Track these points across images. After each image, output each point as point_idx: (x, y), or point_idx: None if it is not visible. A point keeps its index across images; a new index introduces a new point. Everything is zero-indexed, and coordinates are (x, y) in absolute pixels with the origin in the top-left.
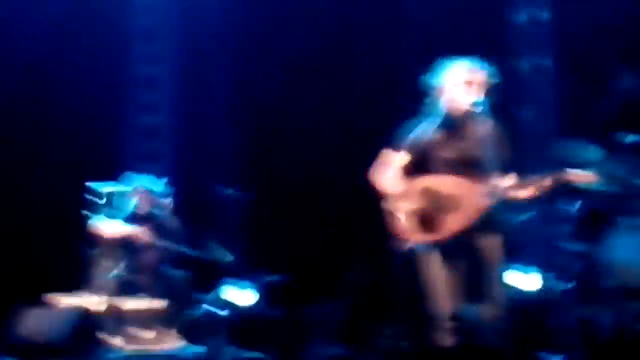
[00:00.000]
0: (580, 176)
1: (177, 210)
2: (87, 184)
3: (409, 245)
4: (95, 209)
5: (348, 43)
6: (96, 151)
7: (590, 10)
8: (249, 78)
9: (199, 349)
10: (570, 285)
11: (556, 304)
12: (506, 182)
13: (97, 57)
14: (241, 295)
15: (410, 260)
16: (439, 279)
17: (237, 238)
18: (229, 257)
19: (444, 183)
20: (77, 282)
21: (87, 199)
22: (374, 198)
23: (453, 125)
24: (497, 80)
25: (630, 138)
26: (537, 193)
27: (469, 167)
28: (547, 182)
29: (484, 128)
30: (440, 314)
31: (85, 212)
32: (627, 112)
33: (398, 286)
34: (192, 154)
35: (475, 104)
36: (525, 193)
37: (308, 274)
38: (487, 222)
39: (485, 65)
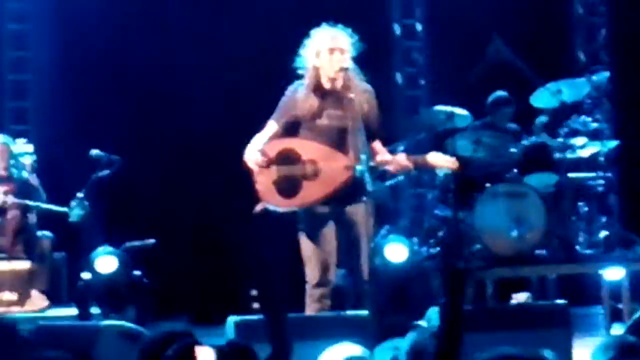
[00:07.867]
0: (444, 161)
1: (41, 169)
2: None
3: (264, 207)
4: None
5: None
6: None
7: None
8: (125, 41)
9: (66, 310)
10: (435, 250)
11: (420, 270)
12: (374, 152)
13: None
14: (103, 261)
15: (266, 223)
16: (308, 246)
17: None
18: (86, 220)
19: (305, 148)
20: None
21: None
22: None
23: (324, 92)
24: (361, 46)
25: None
26: (399, 170)
27: (339, 136)
28: (409, 163)
29: (353, 94)
30: (308, 281)
31: None
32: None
33: (257, 249)
34: (63, 114)
35: (340, 70)
36: (389, 168)
37: (174, 240)
38: (354, 190)
39: (349, 31)
